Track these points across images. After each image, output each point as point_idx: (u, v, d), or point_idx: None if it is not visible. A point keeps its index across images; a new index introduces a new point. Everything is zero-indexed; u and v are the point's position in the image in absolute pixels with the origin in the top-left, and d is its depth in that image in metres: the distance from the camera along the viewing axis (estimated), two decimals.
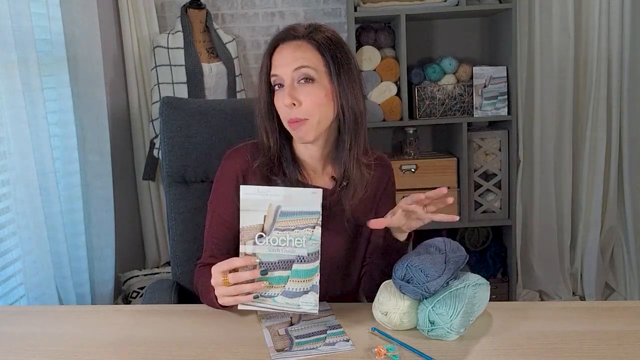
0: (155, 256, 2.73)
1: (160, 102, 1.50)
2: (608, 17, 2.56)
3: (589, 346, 0.97)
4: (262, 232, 1.02)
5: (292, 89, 1.12)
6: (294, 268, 1.04)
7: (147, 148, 2.59)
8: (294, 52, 1.13)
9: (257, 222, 1.02)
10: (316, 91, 1.13)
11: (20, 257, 1.71)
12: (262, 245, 1.03)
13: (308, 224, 1.03)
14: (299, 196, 1.02)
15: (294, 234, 1.03)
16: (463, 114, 2.52)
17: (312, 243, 1.04)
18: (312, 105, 1.12)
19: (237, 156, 1.24)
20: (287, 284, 1.04)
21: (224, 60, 2.52)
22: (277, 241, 1.03)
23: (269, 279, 1.04)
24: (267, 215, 1.02)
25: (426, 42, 2.72)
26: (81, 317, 1.16)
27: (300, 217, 1.02)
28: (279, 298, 1.04)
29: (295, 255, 1.04)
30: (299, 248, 1.03)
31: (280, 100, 1.14)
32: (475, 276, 1.06)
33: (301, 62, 1.12)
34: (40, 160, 1.71)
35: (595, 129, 2.65)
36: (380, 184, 1.31)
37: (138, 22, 2.55)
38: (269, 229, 1.02)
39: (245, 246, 1.03)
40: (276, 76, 1.14)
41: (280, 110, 1.16)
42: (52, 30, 1.89)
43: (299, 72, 1.12)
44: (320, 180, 1.25)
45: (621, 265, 2.77)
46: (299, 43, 1.14)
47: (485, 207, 2.60)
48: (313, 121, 1.13)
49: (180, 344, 1.02)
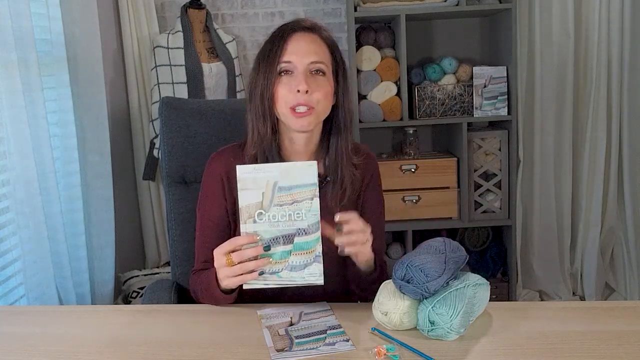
0: (155, 256, 2.73)
1: (160, 102, 1.50)
2: (608, 17, 2.56)
3: (589, 346, 0.96)
4: (262, 210, 1.04)
5: (306, 76, 1.15)
6: (295, 241, 1.05)
7: (147, 148, 2.59)
8: (311, 44, 1.17)
9: (255, 200, 1.03)
10: (326, 84, 1.18)
11: (20, 257, 1.71)
12: (262, 223, 1.04)
13: (306, 197, 1.04)
14: (295, 170, 1.04)
15: (293, 207, 1.04)
16: (463, 114, 2.52)
17: (312, 214, 1.05)
18: (322, 95, 1.16)
19: (220, 158, 1.26)
20: (290, 257, 1.06)
21: (224, 60, 2.52)
22: (277, 216, 1.04)
23: (272, 254, 1.05)
24: (265, 192, 1.03)
25: (426, 42, 2.72)
26: (81, 317, 1.16)
27: (298, 190, 1.04)
28: (283, 273, 1.06)
29: (295, 228, 1.05)
30: (298, 221, 1.05)
31: (293, 85, 1.15)
32: (475, 276, 1.06)
33: (318, 56, 1.16)
34: (40, 160, 1.71)
35: (595, 129, 2.65)
36: (365, 177, 1.31)
37: (138, 22, 2.55)
38: (267, 205, 1.04)
39: (246, 225, 1.04)
40: (289, 63, 1.16)
41: (284, 96, 1.16)
42: (52, 30, 1.89)
43: (315, 65, 1.16)
44: None
45: (621, 265, 2.77)
46: (314, 37, 1.18)
47: (485, 207, 2.60)
48: (318, 110, 1.17)
49: (180, 344, 1.02)
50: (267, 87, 1.17)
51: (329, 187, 1.24)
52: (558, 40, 2.61)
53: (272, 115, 1.19)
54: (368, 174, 1.32)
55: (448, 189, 2.55)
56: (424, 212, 2.55)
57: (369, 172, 1.32)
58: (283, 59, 1.16)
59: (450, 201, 2.55)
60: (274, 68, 1.16)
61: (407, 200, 2.53)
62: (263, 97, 1.18)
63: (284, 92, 1.16)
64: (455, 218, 2.59)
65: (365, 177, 1.31)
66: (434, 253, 1.05)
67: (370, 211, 1.31)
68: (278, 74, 1.17)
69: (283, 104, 1.16)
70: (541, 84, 2.65)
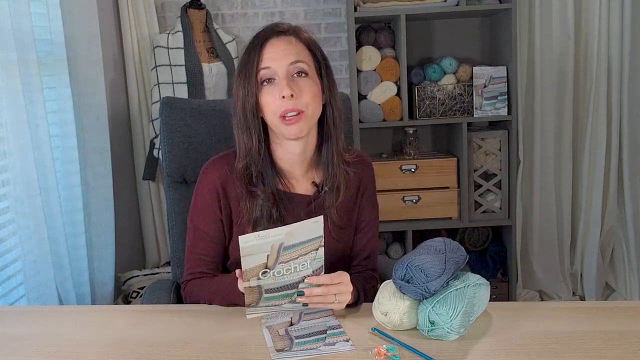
0: (155, 256, 2.73)
1: (160, 102, 1.50)
2: (608, 17, 2.56)
3: (589, 346, 0.96)
4: (266, 269, 1.01)
5: (289, 81, 1.12)
6: (299, 287, 1.06)
7: (147, 148, 2.59)
8: (287, 46, 1.14)
9: (259, 262, 1.00)
10: (312, 84, 1.14)
11: (20, 257, 1.71)
12: (266, 279, 1.02)
13: (312, 249, 1.02)
14: (301, 229, 1.00)
15: (298, 261, 1.02)
16: (463, 114, 2.52)
17: (317, 261, 1.04)
18: (310, 97, 1.13)
19: (215, 169, 1.22)
20: (292, 296, 1.07)
21: (224, 60, 2.52)
22: (282, 271, 1.02)
23: (274, 297, 1.05)
24: (270, 254, 1.00)
25: (426, 42, 2.72)
26: (81, 317, 1.16)
27: (304, 246, 1.01)
28: (285, 305, 1.08)
29: (300, 276, 1.05)
30: (304, 270, 1.04)
31: (277, 92, 1.12)
32: (475, 276, 1.06)
33: (296, 56, 1.13)
34: (40, 160, 1.71)
35: (595, 129, 2.65)
36: (362, 184, 1.29)
37: (138, 22, 2.55)
38: (272, 264, 1.01)
39: (250, 282, 1.01)
40: (268, 69, 1.13)
41: (271, 105, 1.13)
42: (52, 30, 1.89)
43: (295, 66, 1.13)
44: (301, 187, 1.24)
45: (621, 265, 2.76)
46: (289, 38, 1.15)
47: (485, 207, 2.60)
48: (309, 113, 1.14)
49: (180, 344, 1.02)
50: (248, 99, 1.14)
51: (326, 194, 1.22)
52: (558, 40, 2.61)
53: (257, 127, 1.16)
54: (364, 182, 1.29)
55: (448, 189, 2.55)
56: (424, 212, 2.55)
57: (365, 179, 1.30)
58: (261, 66, 1.13)
59: (450, 201, 2.55)
60: (253, 78, 1.13)
61: (407, 200, 2.53)
62: (245, 110, 1.14)
63: (269, 100, 1.13)
64: (455, 218, 2.58)
65: (361, 185, 1.29)
66: (434, 253, 1.05)
67: (367, 217, 1.31)
68: (260, 83, 1.14)
69: (271, 113, 1.13)
70: (541, 84, 2.65)
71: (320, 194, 1.22)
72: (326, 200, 1.22)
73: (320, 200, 1.22)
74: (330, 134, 1.20)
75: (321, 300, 1.07)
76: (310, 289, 1.06)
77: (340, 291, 1.08)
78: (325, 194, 1.22)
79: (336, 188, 1.21)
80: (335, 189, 1.21)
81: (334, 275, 1.07)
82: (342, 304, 1.09)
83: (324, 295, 1.07)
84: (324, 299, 1.07)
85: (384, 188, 2.46)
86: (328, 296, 1.07)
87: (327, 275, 1.07)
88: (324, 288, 1.06)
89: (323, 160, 1.21)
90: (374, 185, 1.32)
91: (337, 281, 1.07)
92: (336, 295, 1.07)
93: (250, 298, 1.05)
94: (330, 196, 1.21)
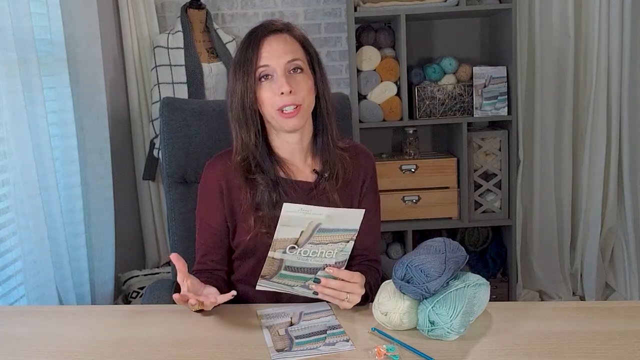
0: (155, 256, 2.73)
1: (160, 102, 1.50)
2: (608, 17, 2.56)
3: (589, 346, 0.96)
4: (295, 244, 1.02)
5: (287, 77, 1.18)
6: (317, 274, 1.06)
7: (147, 148, 2.59)
8: (284, 45, 1.20)
9: (292, 235, 1.01)
10: (307, 79, 1.21)
11: (20, 257, 1.71)
12: (291, 255, 1.03)
13: (343, 239, 1.03)
14: (342, 215, 1.01)
15: (327, 247, 1.03)
16: (463, 114, 2.52)
17: (342, 254, 1.05)
18: (306, 92, 1.20)
19: (217, 164, 1.28)
20: (307, 281, 1.07)
21: (224, 60, 2.52)
22: (309, 252, 1.03)
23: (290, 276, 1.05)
24: (305, 231, 1.01)
25: (426, 42, 2.72)
26: (81, 317, 1.16)
27: (338, 234, 1.02)
28: (297, 288, 1.08)
29: (322, 264, 1.05)
30: (328, 258, 1.05)
31: (275, 88, 1.17)
32: (475, 276, 1.06)
33: (293, 54, 1.19)
34: (40, 160, 1.71)
35: (595, 129, 2.65)
36: (363, 174, 1.32)
37: (138, 22, 2.55)
38: (303, 242, 1.02)
39: (275, 252, 1.03)
40: (267, 66, 1.18)
41: (269, 100, 1.18)
42: (52, 30, 1.89)
43: (292, 64, 1.19)
44: (302, 175, 1.28)
45: (621, 265, 2.76)
46: (285, 37, 1.21)
47: (485, 207, 2.60)
48: (305, 106, 1.20)
49: (180, 344, 1.02)
50: (246, 95, 1.19)
51: (327, 181, 1.26)
52: (558, 40, 2.61)
53: (255, 121, 1.21)
54: (367, 174, 1.33)
55: (448, 189, 2.55)
56: (424, 212, 2.55)
57: (368, 172, 1.33)
58: (260, 64, 1.18)
59: (450, 201, 2.55)
60: (252, 75, 1.18)
61: (407, 200, 2.53)
62: (244, 105, 1.20)
63: (268, 96, 1.18)
64: (455, 218, 2.59)
65: (364, 177, 1.32)
66: (434, 253, 1.05)
67: (369, 210, 1.31)
68: (258, 79, 1.19)
69: (270, 107, 1.19)
70: (541, 84, 2.65)
71: (320, 180, 1.26)
72: (327, 187, 1.25)
73: (321, 186, 1.25)
74: (325, 123, 1.27)
75: (333, 294, 1.08)
76: (327, 280, 1.07)
77: (353, 291, 1.09)
78: (326, 180, 1.25)
79: (336, 174, 1.26)
80: (335, 175, 1.26)
81: (353, 274, 1.09)
82: (350, 305, 1.10)
83: (338, 290, 1.08)
84: (337, 293, 1.08)
85: (384, 188, 2.44)
86: (341, 292, 1.08)
87: (348, 272, 1.08)
88: (340, 283, 1.07)
89: (319, 148, 1.28)
90: (375, 175, 1.36)
91: (355, 280, 1.09)
92: (348, 295, 1.09)
93: (267, 269, 1.05)
94: (330, 182, 1.25)
